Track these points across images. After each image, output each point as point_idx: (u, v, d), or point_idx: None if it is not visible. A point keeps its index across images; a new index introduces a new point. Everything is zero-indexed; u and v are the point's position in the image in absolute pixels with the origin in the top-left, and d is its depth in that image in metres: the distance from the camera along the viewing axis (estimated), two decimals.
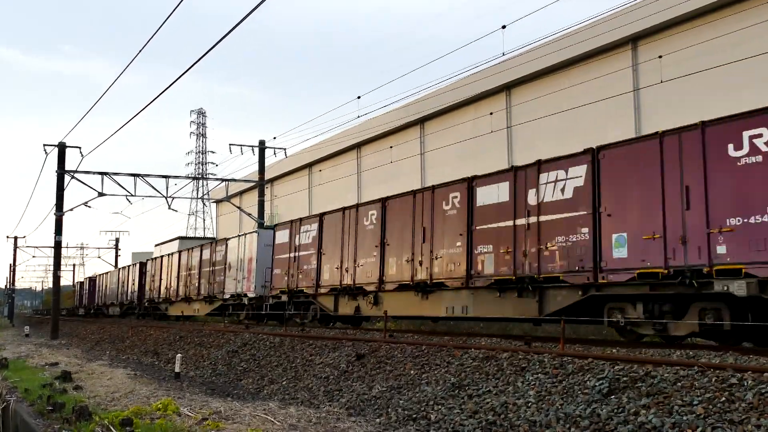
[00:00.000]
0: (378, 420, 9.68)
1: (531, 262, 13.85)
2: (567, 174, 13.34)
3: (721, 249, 10.72)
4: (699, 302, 11.37)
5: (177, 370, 16.20)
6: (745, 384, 7.29)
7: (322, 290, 21.08)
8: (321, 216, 22.18)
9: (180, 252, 36.32)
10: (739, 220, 10.57)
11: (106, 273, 55.98)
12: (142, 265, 43.02)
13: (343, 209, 20.84)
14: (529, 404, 8.56)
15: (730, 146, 10.81)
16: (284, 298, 23.46)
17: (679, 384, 7.73)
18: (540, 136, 31.46)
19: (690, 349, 10.69)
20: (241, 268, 27.46)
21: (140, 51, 14.34)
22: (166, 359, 20.09)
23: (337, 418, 9.83)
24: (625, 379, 8.29)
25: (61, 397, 11.73)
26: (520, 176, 14.33)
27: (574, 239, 13.05)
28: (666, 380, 7.91)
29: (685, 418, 6.94)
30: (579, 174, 13.11)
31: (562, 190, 13.39)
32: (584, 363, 9.26)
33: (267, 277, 24.92)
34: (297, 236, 23.09)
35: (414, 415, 9.44)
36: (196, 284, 32.02)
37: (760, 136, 10.49)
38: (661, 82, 22.60)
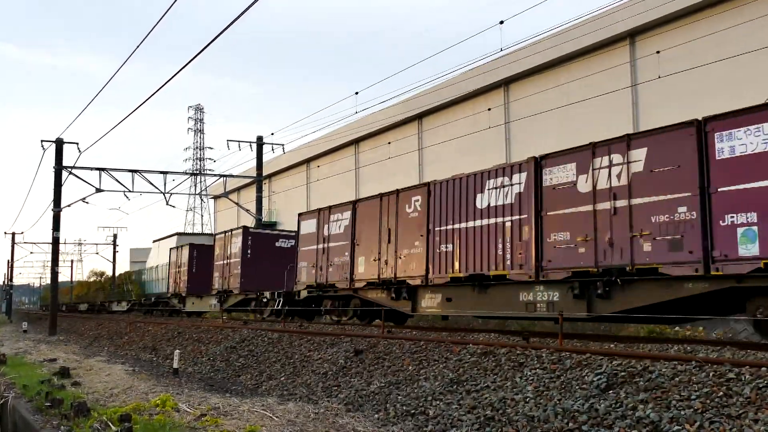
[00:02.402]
0: (376, 415, 9.69)
1: None
2: None
3: None
4: None
5: (175, 366, 16.19)
6: (743, 379, 7.31)
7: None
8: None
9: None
10: None
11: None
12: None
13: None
14: (528, 399, 8.57)
15: None
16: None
17: (677, 379, 7.75)
18: (538, 132, 31.45)
19: (688, 344, 10.72)
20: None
21: (138, 47, 14.32)
22: (164, 355, 20.09)
23: (336, 413, 9.83)
24: (623, 374, 8.30)
25: (60, 393, 11.73)
26: None
27: None
28: (664, 375, 7.92)
29: (683, 412, 6.96)
30: None
31: None
32: (582, 358, 9.28)
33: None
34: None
35: (412, 411, 9.45)
36: None
37: None
38: (659, 77, 22.60)
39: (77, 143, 33.58)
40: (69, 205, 37.15)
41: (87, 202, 35.64)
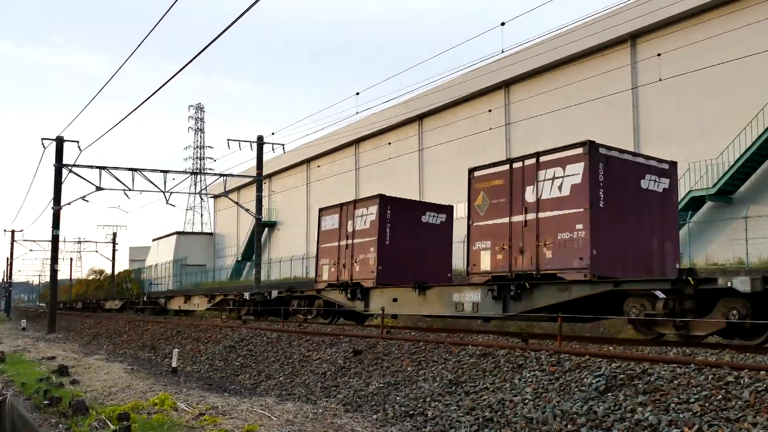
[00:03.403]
0: (375, 416, 9.68)
1: None
2: None
3: None
4: None
5: (174, 365, 16.18)
6: (742, 382, 7.31)
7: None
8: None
9: None
10: None
11: None
12: None
13: None
14: (526, 401, 8.57)
15: None
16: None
17: (676, 382, 7.75)
18: (539, 133, 31.44)
19: (687, 347, 10.71)
20: None
21: (139, 45, 14.32)
22: (163, 354, 20.08)
23: (334, 413, 9.83)
24: (621, 376, 8.30)
25: (58, 391, 11.72)
26: None
27: None
28: (663, 378, 7.92)
29: (681, 415, 6.96)
30: None
31: None
32: (581, 360, 9.27)
33: None
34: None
35: (411, 412, 9.45)
36: None
37: None
38: (660, 80, 22.60)
39: (78, 141, 33.62)
40: (69, 203, 37.18)
41: (87, 201, 35.56)
